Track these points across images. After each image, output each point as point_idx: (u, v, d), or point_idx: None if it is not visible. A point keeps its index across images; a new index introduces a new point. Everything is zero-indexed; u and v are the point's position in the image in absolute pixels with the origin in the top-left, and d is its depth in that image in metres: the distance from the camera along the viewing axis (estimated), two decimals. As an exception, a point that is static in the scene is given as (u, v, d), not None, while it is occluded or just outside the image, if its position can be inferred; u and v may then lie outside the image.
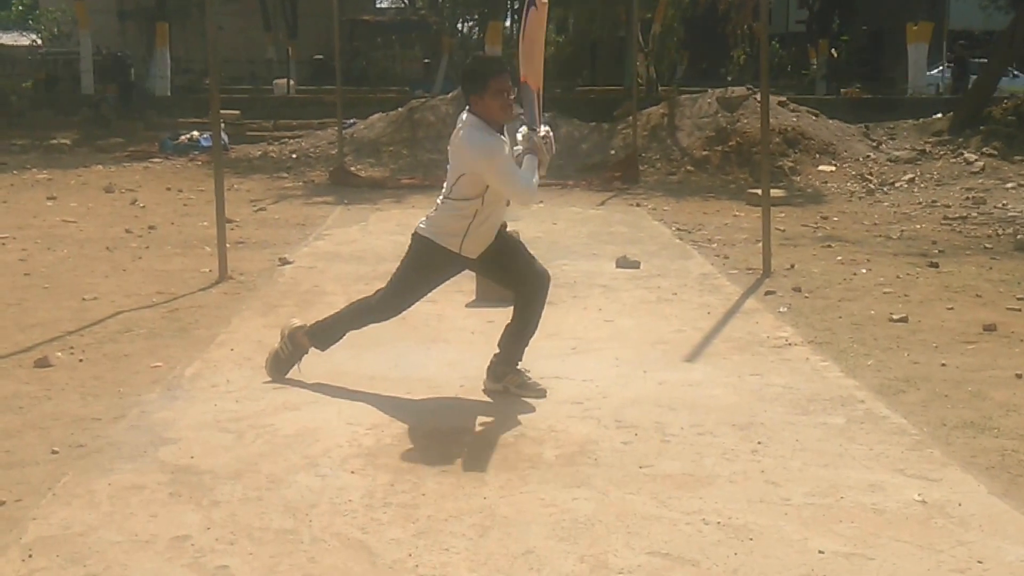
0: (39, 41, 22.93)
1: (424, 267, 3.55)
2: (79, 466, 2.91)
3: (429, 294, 3.73)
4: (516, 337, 3.58)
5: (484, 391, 3.61)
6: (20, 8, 28.56)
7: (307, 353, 3.75)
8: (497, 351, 3.61)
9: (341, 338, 3.77)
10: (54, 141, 14.10)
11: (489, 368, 3.63)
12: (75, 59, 18.24)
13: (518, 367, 3.61)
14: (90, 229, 7.72)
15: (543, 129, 3.48)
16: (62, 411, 3.44)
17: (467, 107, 3.45)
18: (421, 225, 3.58)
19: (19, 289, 5.52)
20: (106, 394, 3.63)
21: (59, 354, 4.13)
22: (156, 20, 18.59)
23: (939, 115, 13.03)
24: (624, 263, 6.14)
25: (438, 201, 3.56)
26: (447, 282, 3.68)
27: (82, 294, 5.38)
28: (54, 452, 3.03)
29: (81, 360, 4.08)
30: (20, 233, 7.44)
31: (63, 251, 6.74)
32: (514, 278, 3.60)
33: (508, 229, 5.52)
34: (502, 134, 3.45)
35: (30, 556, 2.35)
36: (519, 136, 3.51)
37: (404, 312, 3.70)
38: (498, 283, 3.70)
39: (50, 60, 19.97)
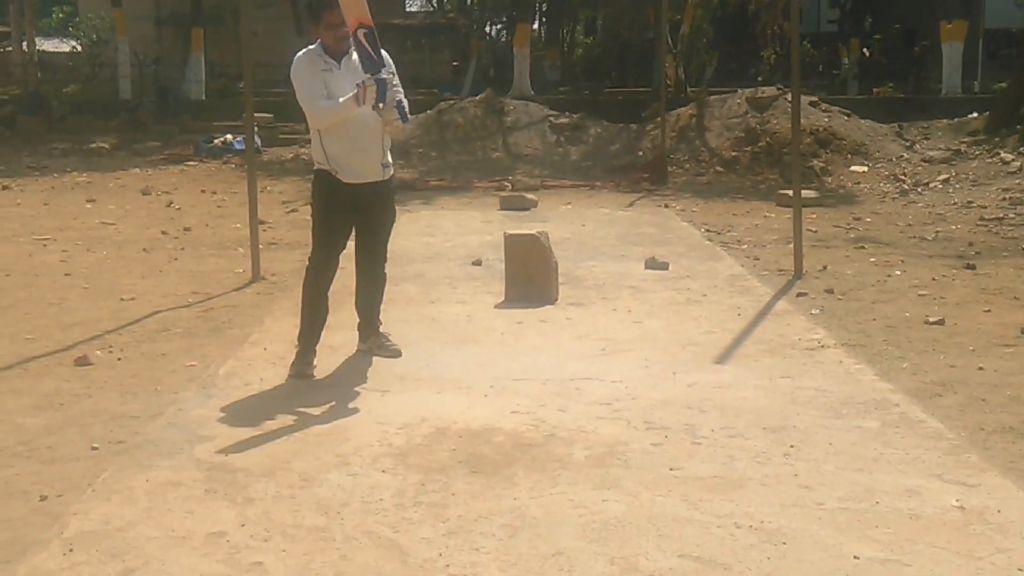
0: (79, 48, 23.47)
1: (318, 195, 3.87)
2: (118, 462, 2.98)
3: (462, 296, 3.77)
4: (365, 309, 4.09)
5: (357, 351, 4.12)
6: (60, 16, 29.32)
7: (313, 350, 3.90)
8: (359, 320, 4.13)
9: (318, 315, 3.91)
10: (93, 145, 14.43)
11: (359, 331, 4.12)
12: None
13: (379, 330, 4.13)
14: (128, 231, 7.89)
15: (385, 73, 3.53)
16: (102, 408, 3.52)
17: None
18: None
19: (60, 289, 5.66)
20: (144, 392, 3.71)
21: (99, 352, 4.23)
22: (191, 26, 18.95)
23: (974, 114, 12.76)
24: (653, 264, 6.11)
25: None
26: (476, 284, 3.71)
27: (120, 294, 5.50)
28: (94, 448, 3.11)
29: (120, 359, 4.18)
30: (61, 234, 7.63)
31: (102, 252, 6.90)
32: (363, 251, 3.94)
33: (537, 231, 5.55)
34: (337, 62, 3.69)
35: (71, 550, 2.41)
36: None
37: (338, 254, 3.92)
38: (357, 243, 3.98)
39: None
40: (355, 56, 3.66)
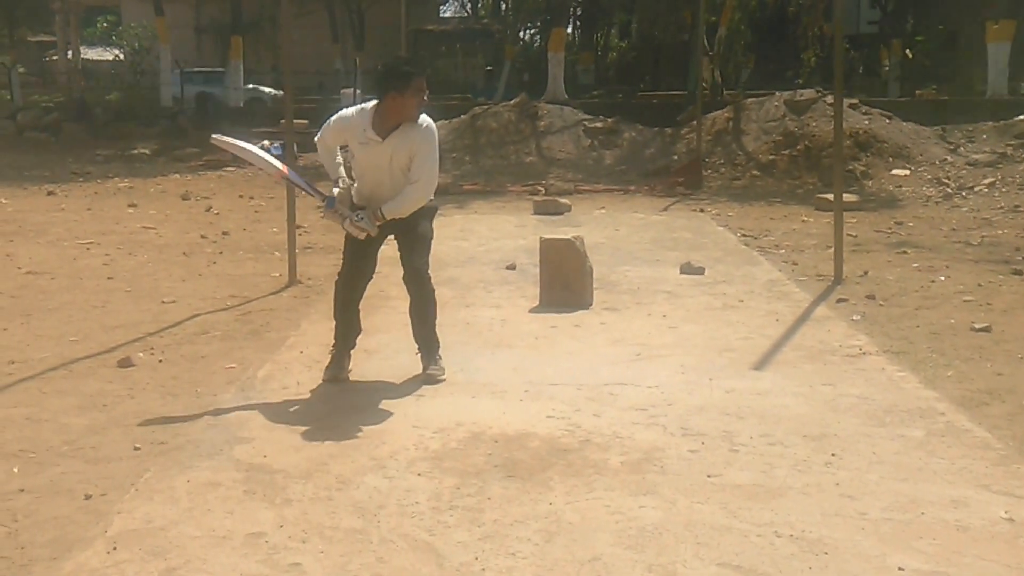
0: (121, 56, 24.12)
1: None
2: (160, 462, 3.04)
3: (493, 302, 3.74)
4: (414, 327, 3.94)
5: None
6: (104, 25, 30.18)
7: (347, 354, 3.96)
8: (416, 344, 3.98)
9: (350, 319, 3.95)
10: (135, 151, 14.80)
11: (422, 354, 3.96)
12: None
13: (438, 357, 3.93)
14: (168, 235, 8.07)
15: (328, 207, 3.76)
16: (144, 409, 3.59)
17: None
18: None
19: (103, 292, 5.80)
20: (184, 393, 3.78)
21: (140, 354, 4.32)
22: (231, 34, 19.35)
23: (1021, 117, 12.42)
24: (688, 269, 6.05)
25: None
26: (510, 288, 3.69)
27: (161, 297, 5.61)
28: (136, 448, 3.17)
29: (161, 360, 4.26)
30: (104, 239, 7.82)
31: (143, 256, 7.06)
32: (403, 263, 3.93)
33: (571, 236, 5.54)
34: (382, 137, 3.66)
35: (115, 548, 2.46)
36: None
37: (364, 264, 3.92)
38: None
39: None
40: (411, 129, 3.67)
